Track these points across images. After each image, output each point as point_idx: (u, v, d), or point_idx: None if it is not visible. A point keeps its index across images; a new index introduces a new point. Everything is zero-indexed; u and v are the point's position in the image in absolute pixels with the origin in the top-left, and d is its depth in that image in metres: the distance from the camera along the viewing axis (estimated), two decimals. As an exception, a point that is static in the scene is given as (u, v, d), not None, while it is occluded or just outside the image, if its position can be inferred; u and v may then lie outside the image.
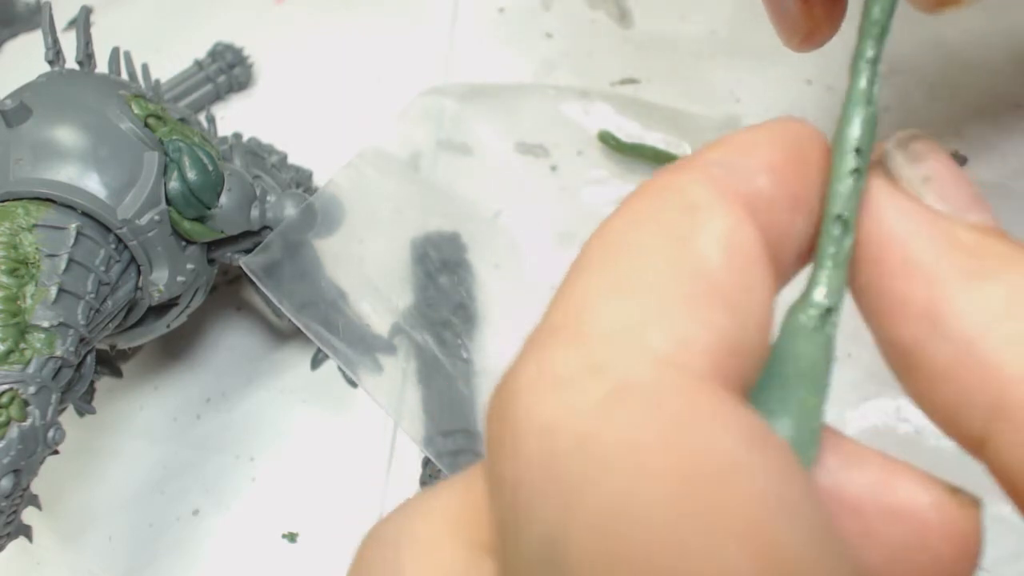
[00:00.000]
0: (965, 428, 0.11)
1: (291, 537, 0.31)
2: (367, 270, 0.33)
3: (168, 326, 0.31)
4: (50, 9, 0.30)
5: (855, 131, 0.14)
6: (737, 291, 0.11)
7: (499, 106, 0.37)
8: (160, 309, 0.30)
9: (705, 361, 0.11)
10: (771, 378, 0.12)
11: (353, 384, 0.33)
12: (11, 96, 0.28)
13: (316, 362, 0.35)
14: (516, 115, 0.37)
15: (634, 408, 0.10)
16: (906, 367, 0.12)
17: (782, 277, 0.13)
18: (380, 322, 0.33)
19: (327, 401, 0.34)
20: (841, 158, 0.13)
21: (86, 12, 0.31)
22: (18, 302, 0.24)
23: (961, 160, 0.33)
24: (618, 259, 0.11)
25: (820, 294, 0.13)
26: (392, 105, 0.38)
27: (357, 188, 0.34)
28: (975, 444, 0.11)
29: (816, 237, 0.13)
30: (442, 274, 0.34)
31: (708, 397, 0.10)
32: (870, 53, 0.15)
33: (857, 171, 0.13)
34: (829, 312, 0.13)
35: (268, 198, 0.31)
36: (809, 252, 0.13)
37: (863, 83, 0.14)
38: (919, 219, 0.12)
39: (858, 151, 0.13)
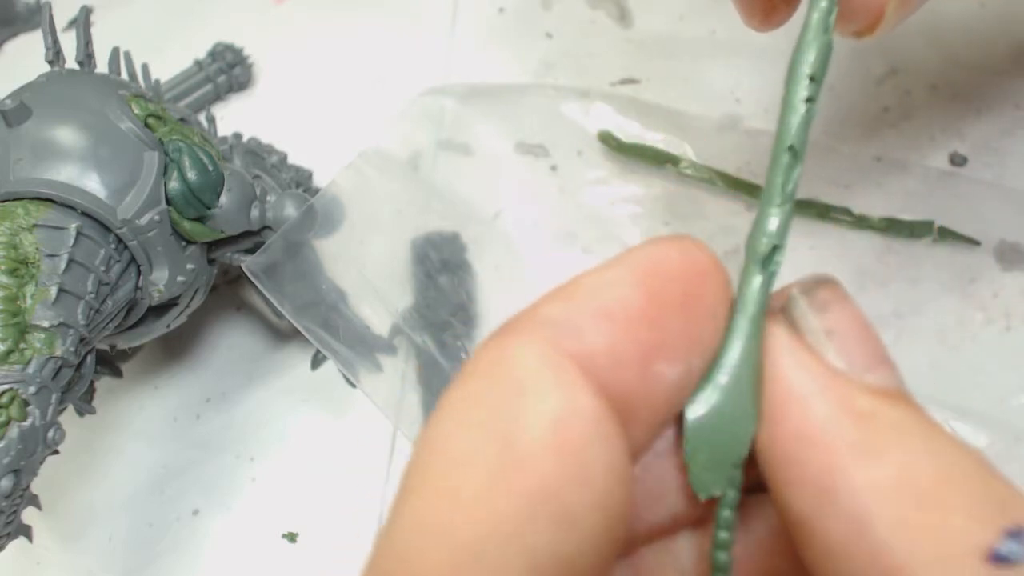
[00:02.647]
0: None
1: (291, 537, 0.31)
2: (367, 271, 0.33)
3: (168, 326, 0.31)
4: (50, 9, 0.30)
5: (810, 58, 0.14)
6: (571, 491, 0.10)
7: (499, 106, 0.37)
8: (160, 309, 0.30)
9: None
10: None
11: (353, 385, 0.33)
12: (11, 96, 0.28)
13: (316, 362, 0.35)
14: (516, 115, 0.37)
15: None
16: (799, 537, 0.12)
17: (646, 431, 0.12)
18: (380, 323, 0.33)
19: (327, 401, 0.34)
20: (795, 86, 0.13)
21: (86, 12, 0.31)
22: (18, 302, 0.24)
23: (961, 160, 0.33)
24: (440, 477, 0.11)
25: (771, 226, 0.13)
26: (392, 105, 0.38)
27: (357, 189, 0.34)
28: None
29: (708, 361, 0.13)
30: (442, 275, 0.34)
31: None
32: None
33: (810, 100, 0.13)
34: (775, 249, 0.13)
35: (268, 198, 0.31)
36: (678, 402, 0.13)
37: (820, 11, 0.14)
38: (818, 380, 0.12)
39: (812, 78, 0.13)
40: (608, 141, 0.36)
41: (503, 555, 0.10)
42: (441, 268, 0.34)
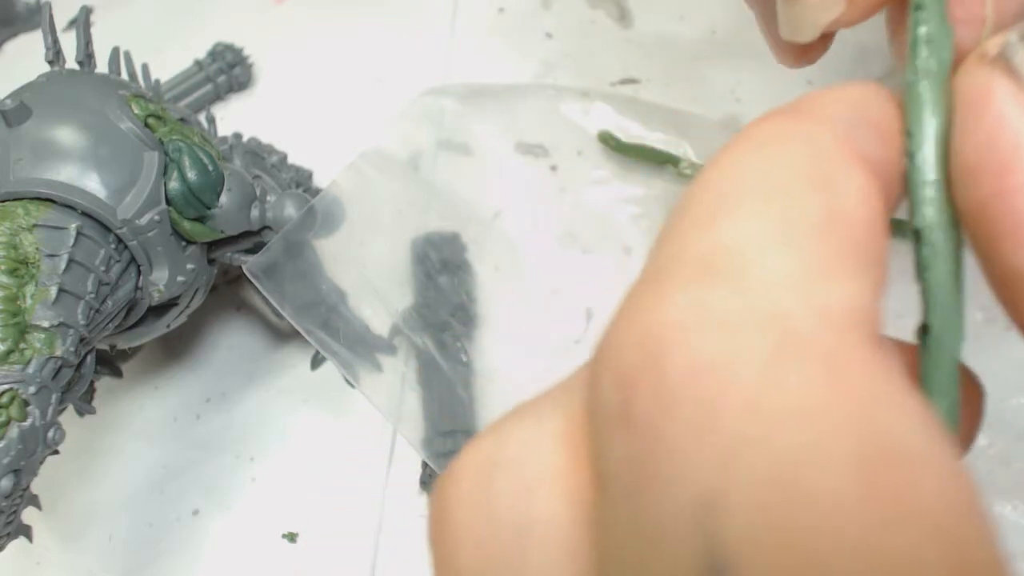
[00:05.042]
0: None
1: (291, 537, 0.31)
2: (367, 271, 0.33)
3: (168, 326, 0.31)
4: (50, 9, 0.30)
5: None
6: (874, 251, 0.11)
7: (499, 106, 0.37)
8: (160, 309, 0.30)
9: (866, 322, 0.10)
10: None
11: (353, 385, 0.33)
12: (11, 96, 0.28)
13: (316, 362, 0.35)
14: (516, 115, 0.37)
15: (810, 367, 0.09)
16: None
17: None
18: (380, 324, 0.33)
19: (327, 401, 0.34)
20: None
21: (86, 12, 0.31)
22: (18, 302, 0.24)
23: (961, 160, 0.33)
24: (767, 201, 0.11)
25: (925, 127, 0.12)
26: (392, 105, 0.38)
27: (358, 189, 0.34)
28: None
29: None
30: (442, 275, 0.34)
31: (884, 369, 0.09)
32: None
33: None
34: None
35: (268, 198, 0.31)
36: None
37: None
38: None
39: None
40: (608, 141, 0.36)
41: (845, 279, 0.10)
42: (441, 268, 0.34)
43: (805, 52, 0.25)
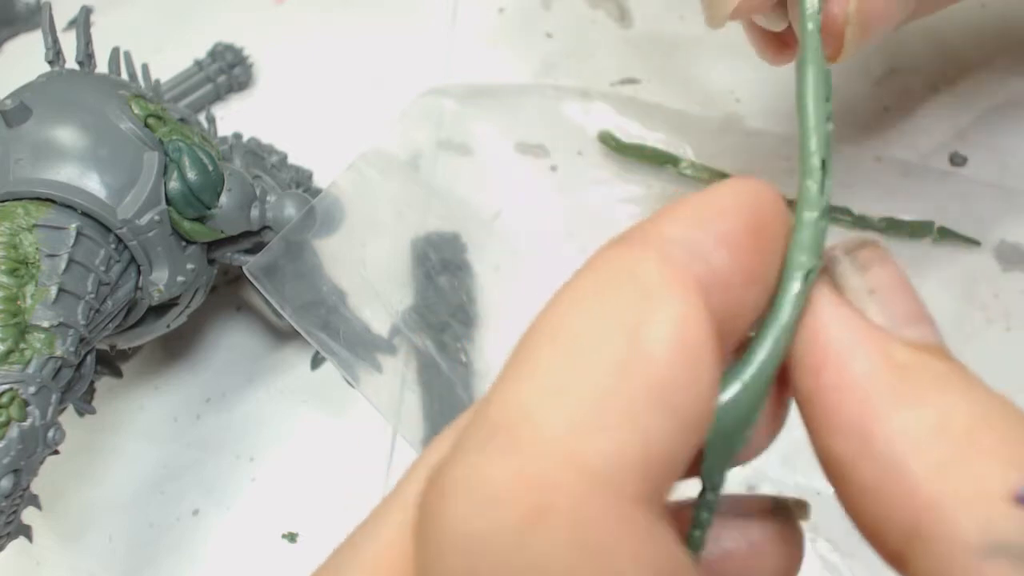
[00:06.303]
0: (886, 544, 0.12)
1: (291, 537, 0.31)
2: (367, 272, 0.33)
3: (168, 326, 0.31)
4: (50, 9, 0.30)
5: (820, 83, 0.15)
6: (681, 391, 0.11)
7: (499, 106, 0.37)
8: (160, 309, 0.30)
9: (637, 474, 0.11)
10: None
11: (353, 385, 0.33)
12: (11, 96, 0.28)
13: (316, 362, 0.35)
14: (516, 115, 0.37)
15: (554, 533, 0.10)
16: (836, 477, 0.13)
17: (728, 353, 0.13)
18: (380, 325, 0.33)
19: (327, 401, 0.34)
20: (816, 110, 0.14)
21: (86, 12, 0.31)
22: (18, 302, 0.24)
23: (961, 160, 0.33)
24: (561, 351, 0.11)
25: (808, 241, 0.13)
26: (392, 105, 0.38)
27: (358, 189, 0.34)
28: (895, 559, 0.12)
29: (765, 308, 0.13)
30: (442, 275, 0.34)
31: (630, 526, 0.10)
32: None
33: (829, 119, 0.14)
34: (816, 262, 0.13)
35: (268, 198, 0.31)
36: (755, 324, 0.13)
37: (814, 41, 0.16)
38: (859, 334, 0.13)
39: (827, 99, 0.14)
40: (608, 141, 0.36)
41: (621, 431, 0.11)
42: (441, 268, 0.34)
43: (780, 50, 0.27)
